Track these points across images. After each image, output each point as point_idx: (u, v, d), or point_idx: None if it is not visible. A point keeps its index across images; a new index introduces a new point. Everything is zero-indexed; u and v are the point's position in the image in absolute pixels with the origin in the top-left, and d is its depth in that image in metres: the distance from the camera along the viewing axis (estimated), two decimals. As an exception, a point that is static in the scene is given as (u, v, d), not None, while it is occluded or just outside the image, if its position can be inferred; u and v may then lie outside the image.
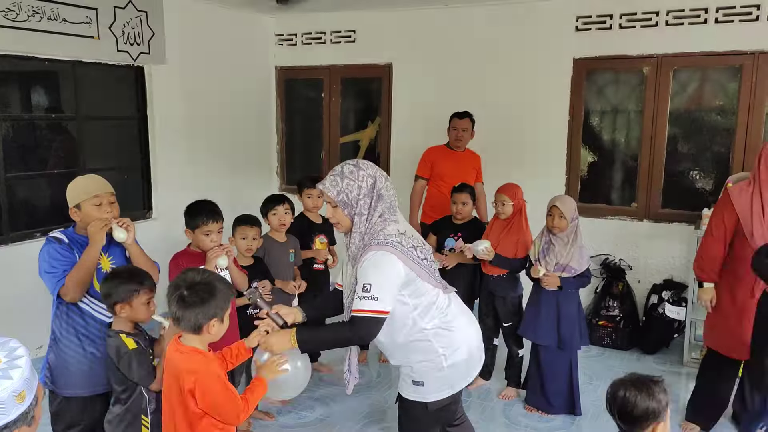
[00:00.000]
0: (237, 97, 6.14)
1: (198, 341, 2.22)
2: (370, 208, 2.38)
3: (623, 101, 5.37)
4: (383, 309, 2.28)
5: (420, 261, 2.39)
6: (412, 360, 2.45)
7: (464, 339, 2.47)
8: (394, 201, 2.45)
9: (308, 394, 4.14)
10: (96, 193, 2.66)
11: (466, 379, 2.50)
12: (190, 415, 2.17)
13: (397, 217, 2.45)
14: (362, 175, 2.38)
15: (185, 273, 2.26)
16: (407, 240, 2.37)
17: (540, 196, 3.98)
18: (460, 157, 4.99)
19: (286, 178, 6.75)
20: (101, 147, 5.07)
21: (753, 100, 4.79)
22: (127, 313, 2.48)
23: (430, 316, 2.42)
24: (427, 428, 2.54)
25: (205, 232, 3.05)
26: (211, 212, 3.09)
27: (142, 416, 2.52)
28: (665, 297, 4.85)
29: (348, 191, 2.37)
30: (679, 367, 4.64)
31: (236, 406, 2.19)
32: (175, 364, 2.20)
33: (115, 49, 4.83)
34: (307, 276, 4.13)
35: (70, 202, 2.67)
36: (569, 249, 3.73)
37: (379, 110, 6.32)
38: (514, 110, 5.52)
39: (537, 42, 5.39)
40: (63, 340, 2.68)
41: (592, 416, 3.88)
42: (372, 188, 2.38)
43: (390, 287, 2.30)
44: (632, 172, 5.32)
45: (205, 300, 2.17)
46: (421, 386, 2.44)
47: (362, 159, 2.55)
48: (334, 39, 6.30)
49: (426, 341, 2.41)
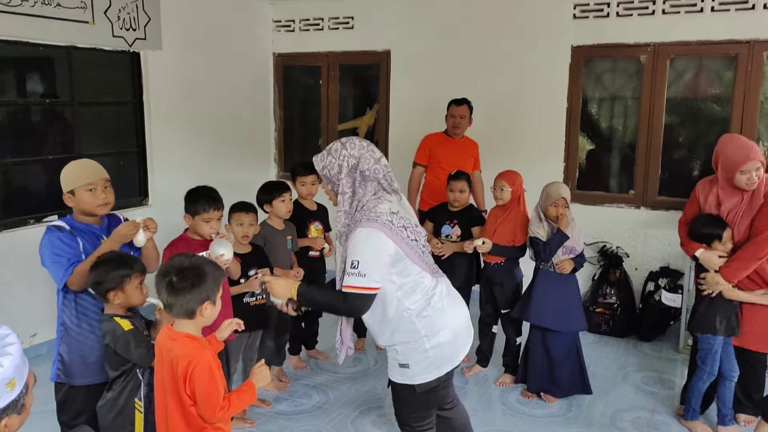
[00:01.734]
0: (234, 84, 6.10)
1: (192, 326, 2.21)
2: (353, 187, 2.42)
3: (621, 89, 5.36)
4: (371, 285, 2.31)
5: (410, 241, 2.40)
6: (397, 341, 2.46)
7: (448, 321, 2.47)
8: (388, 181, 2.47)
9: (305, 381, 4.16)
10: (90, 179, 2.64)
11: (452, 361, 2.49)
12: (183, 403, 2.16)
13: (392, 197, 2.46)
14: (344, 155, 2.43)
15: (172, 259, 2.24)
16: (398, 219, 2.39)
17: (538, 183, 3.97)
18: (458, 144, 4.98)
19: (284, 165, 6.73)
20: (97, 133, 5.03)
21: (748, 88, 4.78)
22: (120, 299, 2.48)
23: (414, 297, 2.43)
24: (418, 411, 2.55)
25: (205, 219, 3.05)
26: (212, 199, 3.09)
27: (135, 400, 2.52)
28: (662, 284, 4.86)
29: (330, 168, 2.45)
30: (674, 354, 4.66)
31: (216, 402, 2.14)
32: (168, 350, 2.18)
33: (110, 35, 4.79)
34: (303, 264, 4.12)
35: (64, 188, 2.67)
36: (572, 232, 3.79)
37: (377, 97, 6.29)
38: (513, 98, 5.50)
39: (535, 29, 5.36)
40: (74, 329, 2.66)
41: (588, 403, 3.90)
42: (354, 169, 2.42)
43: (378, 264, 2.32)
44: (630, 160, 5.32)
45: (196, 284, 2.15)
46: (407, 368, 2.46)
47: (360, 137, 2.53)
48: (332, 25, 6.26)
49: (409, 321, 2.42)
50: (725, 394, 3.44)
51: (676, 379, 4.24)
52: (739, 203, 3.33)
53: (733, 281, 3.30)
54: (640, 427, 3.63)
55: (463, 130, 4.98)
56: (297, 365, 4.36)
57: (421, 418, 2.56)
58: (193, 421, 2.17)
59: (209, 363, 2.15)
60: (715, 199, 3.42)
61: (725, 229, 3.33)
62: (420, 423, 2.57)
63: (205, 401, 2.12)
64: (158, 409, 2.27)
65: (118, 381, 2.51)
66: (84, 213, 2.68)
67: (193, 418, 2.17)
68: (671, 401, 3.92)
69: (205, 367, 2.12)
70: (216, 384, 2.15)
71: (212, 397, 2.13)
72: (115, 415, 2.51)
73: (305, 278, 4.13)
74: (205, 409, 2.14)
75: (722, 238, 3.32)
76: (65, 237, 2.60)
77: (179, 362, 2.13)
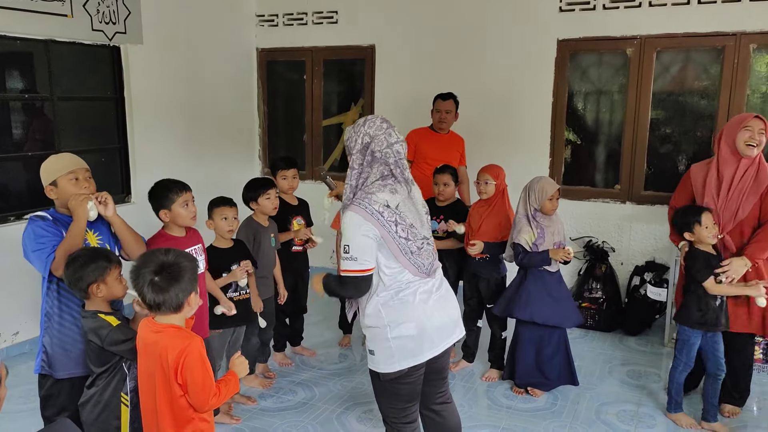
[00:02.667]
0: (217, 79, 6.04)
1: (177, 318, 2.20)
2: (362, 165, 2.44)
3: (607, 83, 5.35)
4: (362, 268, 2.35)
5: (397, 237, 2.38)
6: (367, 324, 2.49)
7: (417, 316, 2.43)
8: (400, 168, 2.46)
9: (290, 378, 4.12)
10: (71, 168, 2.65)
11: (415, 357, 2.45)
12: (173, 394, 2.13)
13: (401, 187, 2.45)
14: (361, 132, 2.45)
15: (146, 258, 2.21)
16: (391, 213, 2.37)
17: (523, 178, 3.95)
18: (444, 139, 4.96)
19: (269, 161, 6.67)
20: (77, 129, 4.95)
21: (735, 81, 4.78)
22: (103, 291, 2.45)
23: (386, 285, 2.43)
24: (391, 402, 2.54)
25: (182, 204, 2.99)
26: (179, 183, 3.03)
27: (121, 394, 2.48)
28: (647, 278, 4.87)
29: (350, 141, 2.50)
30: (660, 348, 4.67)
31: (209, 391, 2.15)
32: (154, 343, 2.16)
33: (89, 28, 4.72)
34: (286, 258, 4.09)
35: (46, 180, 2.65)
36: (559, 226, 3.81)
37: (362, 92, 6.25)
38: (498, 92, 5.48)
39: (521, 23, 5.34)
40: (56, 319, 2.63)
41: (574, 397, 3.89)
42: (365, 147, 2.44)
43: (366, 246, 2.35)
44: (615, 155, 5.32)
45: (178, 278, 2.15)
46: (373, 355, 2.49)
47: (384, 118, 2.52)
48: (316, 20, 6.20)
49: (377, 308, 2.44)
50: (710, 391, 3.45)
51: (661, 372, 4.24)
52: (743, 173, 3.31)
53: (758, 261, 3.31)
54: (625, 420, 3.62)
55: (449, 125, 4.95)
56: (282, 362, 4.32)
57: (397, 412, 2.55)
58: (180, 413, 2.16)
59: (200, 351, 2.15)
60: (716, 173, 3.41)
61: (703, 212, 3.32)
62: (398, 417, 2.55)
63: (198, 389, 2.13)
64: (145, 403, 2.24)
65: (102, 376, 2.47)
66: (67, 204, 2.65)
67: (181, 410, 2.16)
68: (656, 395, 3.92)
69: (196, 356, 2.12)
70: (209, 371, 2.16)
71: (206, 385, 2.14)
72: (99, 411, 2.48)
73: (288, 272, 4.11)
74: (198, 397, 2.14)
75: (701, 222, 3.30)
76: (47, 225, 2.59)
77: (168, 353, 2.11)
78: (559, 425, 3.56)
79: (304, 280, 4.31)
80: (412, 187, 2.51)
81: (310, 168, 6.47)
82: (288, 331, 4.40)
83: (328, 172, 5.17)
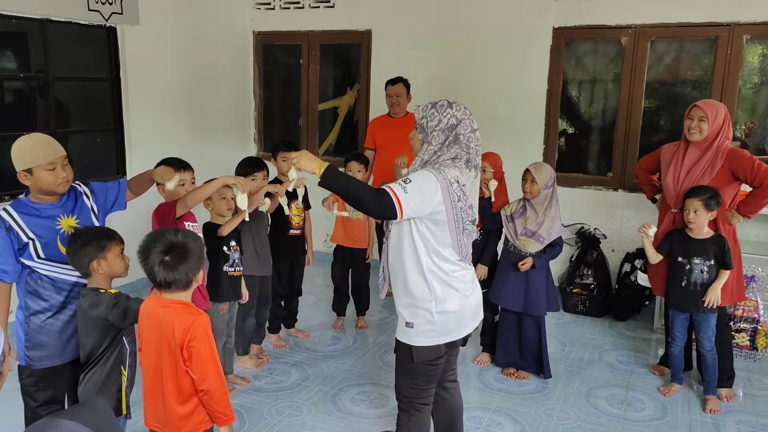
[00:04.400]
0: (214, 62, 6.02)
1: (184, 295, 2.24)
2: (443, 144, 2.47)
3: (601, 72, 5.38)
4: (402, 205, 2.32)
5: (456, 210, 2.42)
6: (408, 297, 2.50)
7: (459, 295, 2.49)
8: (472, 155, 2.49)
9: (285, 359, 4.17)
10: (50, 158, 2.50)
11: (454, 333, 2.51)
12: (179, 370, 2.17)
13: (469, 172, 2.48)
14: (448, 113, 2.48)
15: (153, 238, 2.22)
16: (458, 188, 2.42)
17: (517, 165, 3.99)
18: (400, 123, 5.07)
19: (264, 144, 6.68)
20: (72, 109, 4.94)
21: (727, 72, 4.82)
22: (104, 268, 2.47)
23: (435, 258, 2.45)
24: (413, 379, 2.56)
25: (180, 182, 3.07)
26: (180, 162, 3.14)
27: (121, 367, 2.52)
28: (638, 265, 4.93)
29: (429, 119, 2.50)
30: (649, 334, 4.74)
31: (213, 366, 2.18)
32: (160, 317, 2.20)
33: (85, 8, 4.69)
34: (283, 242, 4.12)
35: (20, 166, 2.51)
36: (540, 217, 3.77)
37: (357, 77, 6.25)
38: (494, 78, 5.50)
39: (517, 10, 5.35)
40: (32, 308, 2.59)
41: (564, 380, 3.96)
42: (452, 128, 2.47)
43: (422, 198, 2.35)
44: (608, 143, 5.36)
45: (188, 256, 2.19)
46: (411, 328, 2.49)
47: (462, 104, 2.54)
48: (312, 4, 6.18)
49: (424, 277, 2.45)
50: (705, 369, 3.68)
51: (650, 358, 4.32)
52: (700, 156, 3.66)
53: (749, 216, 3.66)
54: (614, 403, 3.69)
55: (403, 108, 5.11)
56: (276, 344, 4.36)
57: (419, 392, 2.58)
58: (185, 387, 2.19)
59: (206, 327, 2.18)
60: (680, 155, 3.74)
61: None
62: (417, 397, 2.59)
63: (202, 364, 2.15)
64: (150, 377, 2.26)
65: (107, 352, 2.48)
66: (44, 192, 2.56)
67: (186, 385, 2.19)
68: (645, 379, 4.00)
69: (203, 332, 2.16)
70: (213, 347, 2.20)
71: (210, 359, 2.17)
72: (101, 385, 2.49)
73: (284, 256, 4.14)
74: (200, 370, 2.15)
75: None
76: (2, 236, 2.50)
77: (175, 328, 2.14)
78: (550, 408, 3.63)
79: (299, 263, 4.34)
80: (478, 174, 2.55)
81: (305, 152, 6.47)
82: (283, 312, 4.44)
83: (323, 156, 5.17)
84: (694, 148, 3.69)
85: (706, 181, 3.61)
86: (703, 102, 3.67)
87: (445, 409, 2.83)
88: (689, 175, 3.68)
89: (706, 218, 3.55)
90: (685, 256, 3.62)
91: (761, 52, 4.85)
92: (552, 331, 4.49)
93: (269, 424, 3.40)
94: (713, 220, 3.62)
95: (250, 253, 3.79)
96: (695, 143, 3.66)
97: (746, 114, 4.99)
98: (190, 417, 2.22)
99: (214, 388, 2.18)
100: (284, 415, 3.49)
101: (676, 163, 3.75)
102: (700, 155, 3.66)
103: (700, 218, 3.53)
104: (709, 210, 3.52)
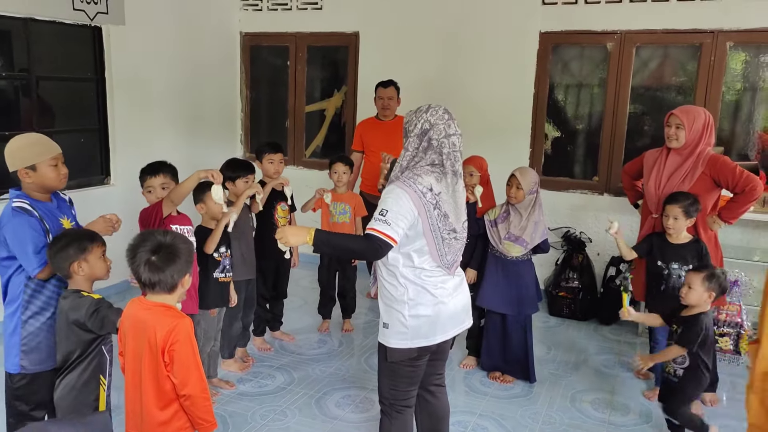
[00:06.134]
0: (200, 62, 5.99)
1: (169, 298, 2.21)
2: (416, 150, 2.49)
3: (587, 77, 5.42)
4: (392, 236, 2.36)
5: (430, 218, 2.42)
6: (385, 297, 2.54)
7: (434, 300, 2.50)
8: (452, 160, 2.48)
9: (269, 363, 4.14)
10: (53, 154, 2.62)
11: (427, 339, 2.51)
12: (159, 374, 2.14)
13: (446, 179, 2.47)
14: (422, 118, 2.50)
15: (142, 238, 2.21)
16: (432, 197, 2.43)
17: (503, 169, 3.99)
18: (388, 126, 5.11)
19: (251, 145, 6.65)
20: (56, 109, 4.89)
21: (711, 78, 4.87)
22: (85, 270, 2.45)
23: (412, 264, 2.47)
24: (393, 380, 2.58)
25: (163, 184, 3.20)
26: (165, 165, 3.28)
27: (100, 377, 2.48)
28: (623, 269, 4.95)
29: (409, 124, 2.55)
30: (634, 338, 4.77)
31: (194, 371, 2.15)
32: (142, 321, 2.17)
33: (70, 7, 4.65)
34: (268, 243, 4.08)
35: (22, 163, 2.56)
36: (524, 222, 3.78)
37: (345, 79, 6.24)
38: (480, 82, 5.51)
39: (505, 14, 5.37)
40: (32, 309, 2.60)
41: (549, 384, 3.97)
42: (424, 133, 2.49)
43: (402, 219, 2.38)
44: (594, 147, 5.39)
45: (174, 259, 2.17)
46: (386, 329, 2.52)
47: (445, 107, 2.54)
48: (300, 5, 6.17)
49: (401, 281, 2.48)
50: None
51: (635, 362, 4.34)
52: (681, 162, 3.69)
53: (730, 222, 3.71)
54: (599, 407, 3.71)
55: (393, 111, 5.15)
56: (261, 347, 4.34)
57: (399, 393, 2.59)
58: (165, 392, 2.16)
59: (188, 331, 2.15)
60: (661, 161, 3.78)
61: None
62: (397, 399, 2.59)
63: (184, 368, 2.12)
64: (130, 381, 2.24)
65: (84, 358, 2.46)
66: (45, 189, 2.63)
67: (165, 391, 2.15)
68: (630, 383, 4.02)
69: (185, 336, 2.13)
70: (195, 351, 2.17)
71: (192, 364, 2.14)
72: (77, 393, 2.46)
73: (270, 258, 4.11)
74: (181, 375, 2.12)
75: None
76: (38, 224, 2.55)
77: (157, 331, 2.11)
78: (534, 412, 3.63)
79: (285, 265, 4.32)
80: (459, 180, 2.53)
81: (292, 153, 6.46)
82: (268, 315, 4.42)
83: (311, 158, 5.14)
84: (675, 155, 3.72)
85: (687, 187, 3.64)
86: (680, 109, 3.71)
87: (429, 413, 2.82)
88: (670, 180, 3.71)
89: (685, 224, 3.57)
90: (664, 260, 3.64)
91: (744, 59, 4.91)
92: (537, 334, 4.49)
93: (253, 428, 3.37)
94: (693, 226, 3.65)
95: (237, 256, 3.77)
96: (675, 150, 3.71)
97: (729, 120, 5.03)
98: (170, 423, 2.18)
99: (196, 393, 2.15)
100: (268, 419, 3.47)
101: (658, 169, 3.78)
102: (681, 161, 3.70)
103: (679, 224, 3.56)
104: (689, 217, 3.54)
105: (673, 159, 3.72)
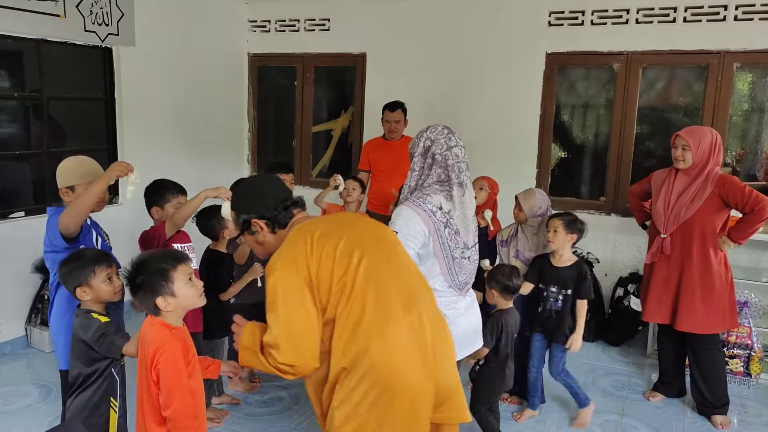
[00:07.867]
0: (208, 83, 6.04)
1: (167, 316, 2.18)
2: (422, 168, 2.54)
3: (593, 97, 5.44)
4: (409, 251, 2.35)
5: (441, 238, 2.43)
6: None
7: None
8: (456, 172, 2.50)
9: (277, 382, 4.11)
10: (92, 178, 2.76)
11: None
12: (151, 389, 2.13)
13: (453, 193, 2.48)
14: (424, 136, 2.57)
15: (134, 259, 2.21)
16: (442, 215, 2.44)
17: (510, 189, 4.00)
18: (395, 146, 5.11)
19: (258, 165, 6.68)
20: (67, 128, 4.93)
21: (718, 99, 4.88)
22: (89, 295, 2.43)
23: None
24: None
25: (175, 205, 3.15)
26: (177, 185, 3.28)
27: (111, 399, 2.46)
28: (631, 290, 4.93)
29: (413, 146, 2.62)
30: (642, 359, 4.73)
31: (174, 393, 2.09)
32: (144, 334, 2.18)
33: (82, 29, 4.71)
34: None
35: (66, 182, 2.75)
36: (531, 242, 3.77)
37: (352, 100, 6.28)
38: (487, 103, 5.54)
39: (510, 35, 5.41)
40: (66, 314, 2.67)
41: (558, 407, 3.93)
42: (426, 150, 2.54)
43: (412, 239, 2.40)
44: (601, 167, 5.39)
45: (143, 282, 2.12)
46: None
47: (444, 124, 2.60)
48: (308, 27, 6.24)
49: None
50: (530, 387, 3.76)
51: (644, 382, 4.30)
52: (689, 183, 3.69)
53: (740, 242, 3.68)
54: (608, 430, 3.67)
55: (400, 133, 5.16)
56: (268, 367, 4.31)
57: None
58: (158, 411, 2.12)
59: (173, 352, 2.10)
60: (669, 181, 3.79)
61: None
62: None
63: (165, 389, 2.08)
64: (138, 397, 2.22)
65: (94, 379, 2.44)
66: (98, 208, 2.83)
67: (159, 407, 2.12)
68: (639, 405, 3.98)
69: (169, 356, 2.09)
70: (178, 375, 2.09)
71: (182, 389, 2.08)
72: (87, 414, 2.45)
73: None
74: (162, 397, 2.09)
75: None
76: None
77: (149, 346, 2.12)
78: (543, 433, 3.60)
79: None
80: (466, 191, 2.54)
81: (299, 173, 6.48)
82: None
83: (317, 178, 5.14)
84: (683, 175, 3.73)
85: (696, 207, 3.65)
86: (685, 130, 3.71)
87: None
88: (679, 201, 3.71)
89: (565, 239, 3.55)
90: (544, 282, 3.61)
91: (751, 80, 4.92)
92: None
93: (260, 449, 3.35)
94: (703, 246, 3.64)
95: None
96: (684, 170, 3.71)
97: (737, 141, 5.04)
98: None
99: (178, 418, 2.09)
100: (275, 440, 3.45)
101: (667, 189, 3.79)
102: (689, 182, 3.70)
103: (558, 238, 3.54)
104: (570, 232, 3.54)
105: (682, 179, 3.73)
